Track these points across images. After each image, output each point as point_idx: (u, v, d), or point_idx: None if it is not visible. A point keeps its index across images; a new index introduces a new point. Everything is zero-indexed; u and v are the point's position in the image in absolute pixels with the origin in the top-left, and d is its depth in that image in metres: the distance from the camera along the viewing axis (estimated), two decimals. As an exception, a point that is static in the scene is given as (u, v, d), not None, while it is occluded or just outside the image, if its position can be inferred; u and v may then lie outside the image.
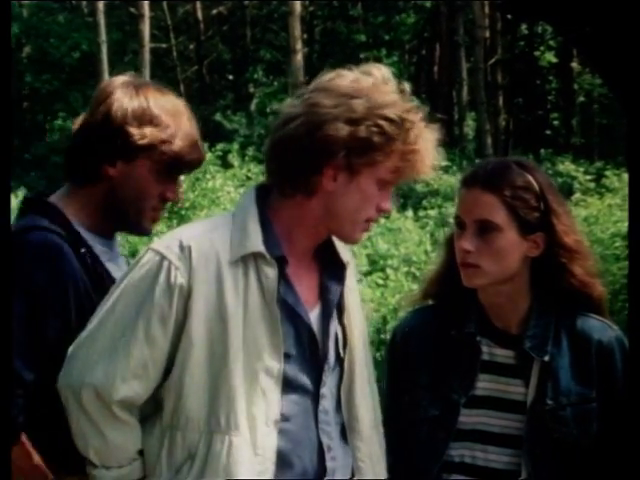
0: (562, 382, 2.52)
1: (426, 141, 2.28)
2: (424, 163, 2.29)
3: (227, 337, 2.23)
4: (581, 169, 19.63)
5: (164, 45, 29.87)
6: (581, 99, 28.91)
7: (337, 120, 2.22)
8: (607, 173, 17.57)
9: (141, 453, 2.31)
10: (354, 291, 2.46)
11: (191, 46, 31.89)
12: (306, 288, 2.35)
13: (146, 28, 23.08)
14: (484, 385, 2.56)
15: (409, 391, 2.62)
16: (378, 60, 28.48)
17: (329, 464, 2.34)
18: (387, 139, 2.24)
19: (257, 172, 18.00)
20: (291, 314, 2.30)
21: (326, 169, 2.25)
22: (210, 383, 2.24)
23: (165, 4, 29.01)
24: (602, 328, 2.56)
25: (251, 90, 28.76)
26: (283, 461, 2.27)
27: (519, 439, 2.52)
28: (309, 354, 2.33)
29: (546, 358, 2.52)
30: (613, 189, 15.97)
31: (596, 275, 2.57)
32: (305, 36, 27.19)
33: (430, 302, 2.70)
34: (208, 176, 16.83)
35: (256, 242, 2.26)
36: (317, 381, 2.34)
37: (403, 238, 14.54)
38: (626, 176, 14.60)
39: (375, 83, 2.28)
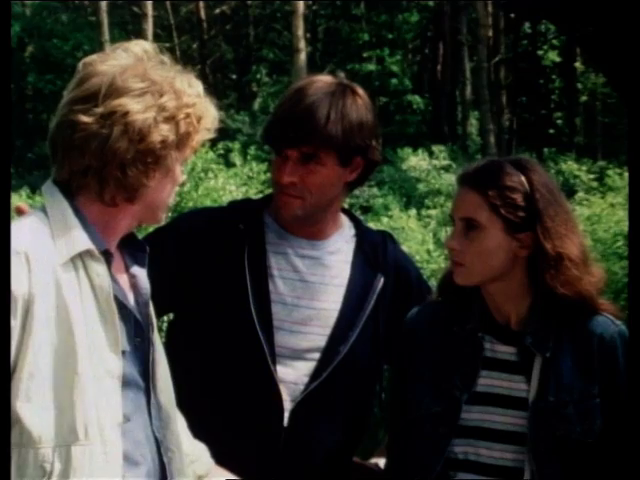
0: (564, 378, 2.52)
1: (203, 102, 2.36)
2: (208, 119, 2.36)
3: (74, 344, 2.10)
4: (584, 168, 19.65)
5: (167, 44, 29.73)
6: (584, 98, 28.89)
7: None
8: (610, 172, 17.60)
9: None
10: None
11: (194, 45, 31.89)
12: (120, 278, 2.27)
13: (149, 27, 23.10)
14: (486, 382, 2.56)
15: (412, 386, 2.62)
16: (381, 59, 28.54)
17: (165, 458, 2.29)
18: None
19: (258, 171, 18.02)
20: (120, 309, 2.21)
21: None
22: (59, 394, 2.09)
23: (168, 3, 29.01)
24: (604, 323, 2.56)
25: (254, 89, 28.77)
26: (129, 463, 2.20)
27: (523, 436, 2.51)
28: (138, 347, 2.26)
29: (547, 354, 2.52)
30: (616, 188, 16.00)
31: (581, 279, 2.51)
32: (308, 35, 27.19)
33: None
34: (210, 175, 16.87)
35: (83, 239, 2.15)
36: (145, 374, 2.28)
37: (406, 237, 14.55)
38: (629, 175, 14.58)
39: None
